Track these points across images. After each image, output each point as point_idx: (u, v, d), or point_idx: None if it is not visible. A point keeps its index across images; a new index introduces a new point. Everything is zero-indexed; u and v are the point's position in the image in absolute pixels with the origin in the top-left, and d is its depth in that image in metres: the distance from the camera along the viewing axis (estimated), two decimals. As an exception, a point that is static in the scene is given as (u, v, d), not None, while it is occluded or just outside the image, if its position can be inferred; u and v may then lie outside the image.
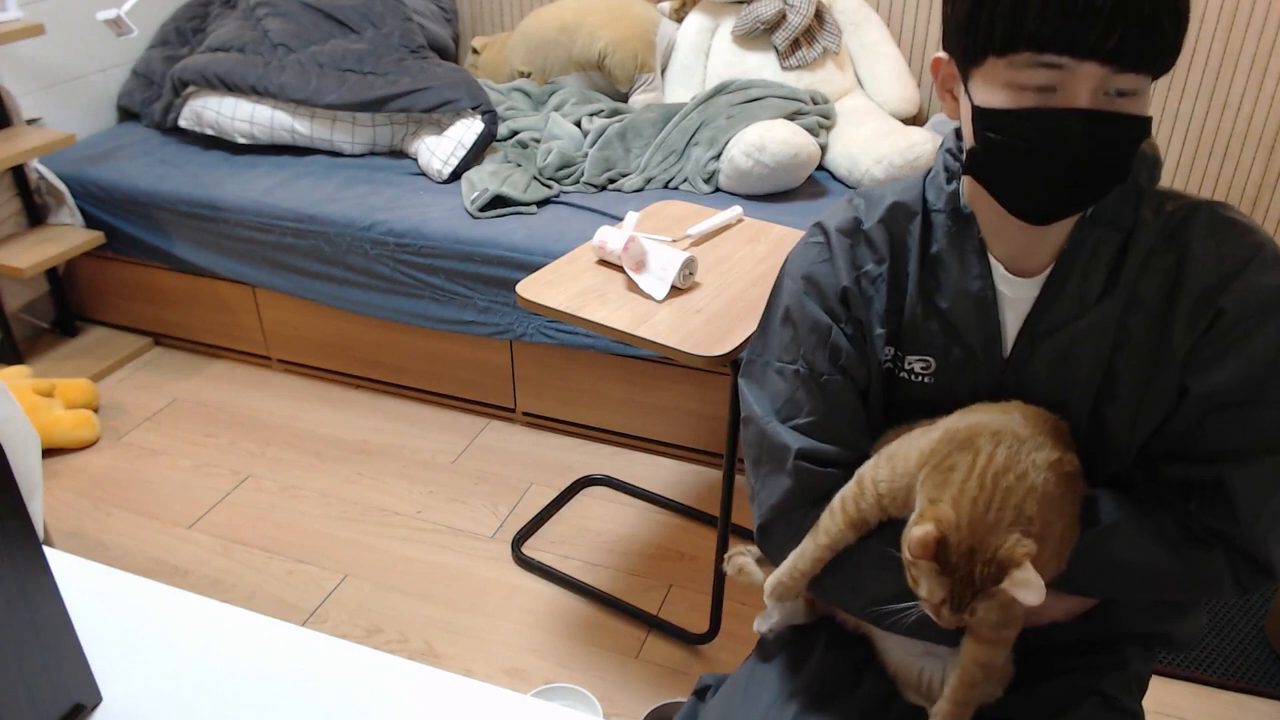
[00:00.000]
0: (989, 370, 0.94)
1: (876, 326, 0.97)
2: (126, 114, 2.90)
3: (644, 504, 2.15)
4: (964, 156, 0.88)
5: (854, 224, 0.98)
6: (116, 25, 2.56)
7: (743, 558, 1.13)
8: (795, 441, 0.97)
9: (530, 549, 2.01)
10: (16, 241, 2.49)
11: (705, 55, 2.69)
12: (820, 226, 1.00)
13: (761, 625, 1.11)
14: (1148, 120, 0.81)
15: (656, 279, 1.58)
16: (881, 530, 0.92)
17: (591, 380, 2.27)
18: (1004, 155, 0.83)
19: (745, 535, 2.03)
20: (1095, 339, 0.90)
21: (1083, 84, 0.77)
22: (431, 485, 2.21)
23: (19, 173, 2.51)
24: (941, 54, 0.89)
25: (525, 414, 2.40)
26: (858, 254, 0.97)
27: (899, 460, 0.89)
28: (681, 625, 1.82)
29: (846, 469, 0.96)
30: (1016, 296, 0.92)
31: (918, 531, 0.80)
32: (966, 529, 0.80)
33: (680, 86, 2.70)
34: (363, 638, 1.81)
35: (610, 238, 1.66)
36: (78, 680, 0.77)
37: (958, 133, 0.94)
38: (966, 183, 0.92)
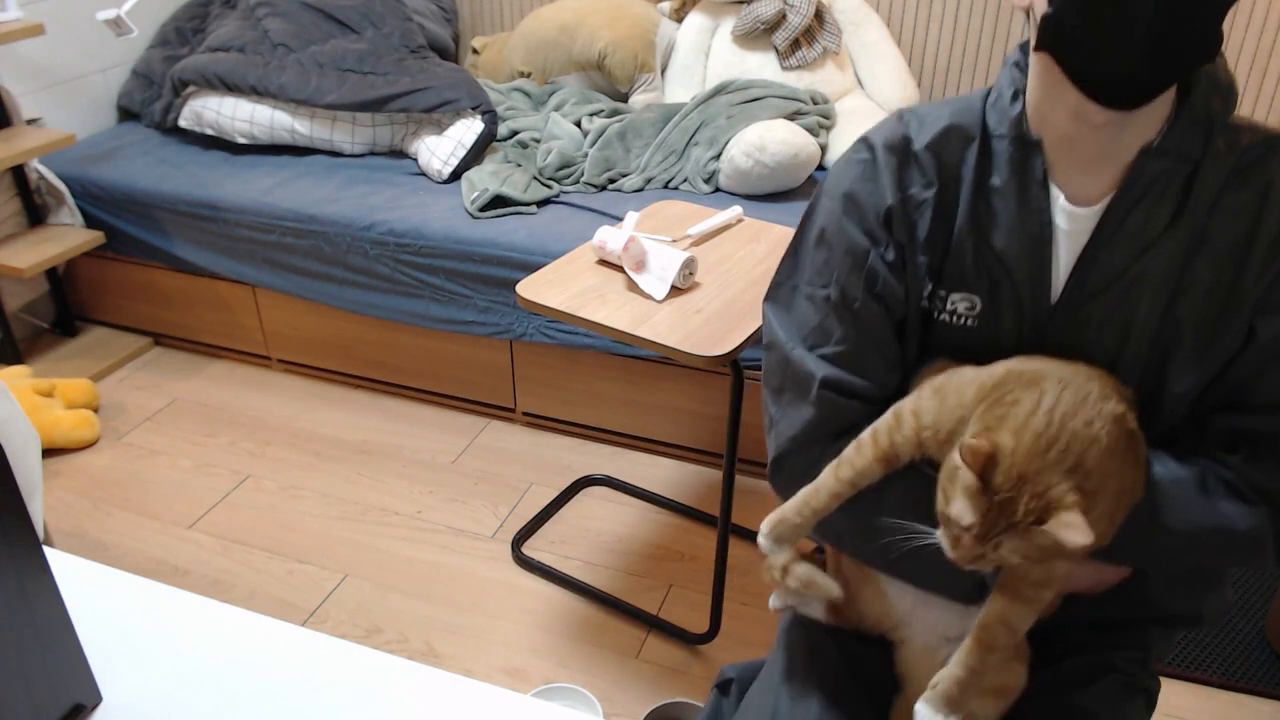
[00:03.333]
0: (1035, 312, 0.89)
1: (919, 254, 0.90)
2: (126, 114, 2.90)
3: (644, 504, 2.15)
4: (1037, 34, 0.81)
5: (904, 142, 0.91)
6: (116, 25, 2.56)
7: (799, 566, 1.01)
8: (820, 370, 0.92)
9: (530, 549, 2.01)
10: (16, 241, 2.49)
11: (705, 55, 2.69)
12: (866, 141, 0.93)
13: (777, 602, 1.04)
14: None
15: (656, 279, 1.58)
16: (905, 475, 0.88)
17: (591, 380, 2.27)
18: (1081, 10, 0.76)
19: (746, 535, 2.03)
20: (1155, 280, 0.84)
21: None
22: (431, 485, 2.21)
23: (19, 173, 2.51)
24: None
25: (525, 414, 2.40)
26: (905, 174, 0.90)
27: (951, 394, 0.84)
28: (681, 625, 1.82)
29: (872, 404, 0.92)
30: (1073, 229, 0.86)
31: (972, 440, 0.76)
32: (1023, 457, 0.76)
33: (680, 86, 2.70)
34: (363, 638, 1.81)
35: (610, 238, 1.66)
36: (78, 680, 0.77)
37: (1022, 48, 0.88)
38: (1032, 102, 0.86)
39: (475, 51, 3.03)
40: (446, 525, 2.09)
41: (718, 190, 2.36)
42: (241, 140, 2.61)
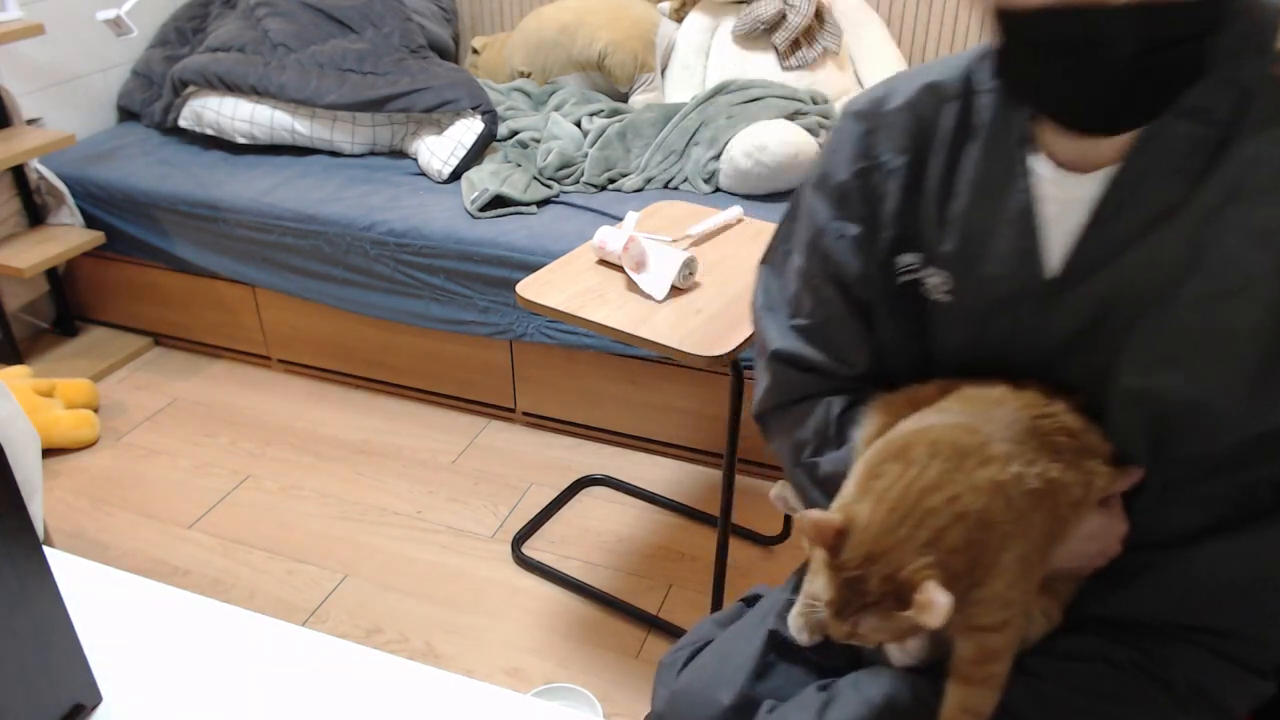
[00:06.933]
0: (1024, 290, 0.79)
1: (886, 229, 0.83)
2: (126, 114, 2.90)
3: (644, 504, 2.15)
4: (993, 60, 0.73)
5: (874, 105, 0.83)
6: (116, 25, 2.56)
7: (784, 491, 1.05)
8: (776, 341, 0.92)
9: (530, 549, 2.01)
10: (16, 241, 2.49)
11: (705, 55, 2.69)
12: (844, 109, 0.87)
13: (777, 491, 1.04)
14: (1219, 2, 0.63)
15: (656, 279, 1.58)
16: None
17: (591, 380, 2.27)
18: (1032, 61, 0.68)
19: (745, 535, 2.03)
20: (1171, 257, 0.71)
21: None
22: (431, 485, 2.21)
23: (19, 173, 2.51)
24: None
25: (525, 414, 2.40)
26: (871, 142, 0.82)
27: (856, 469, 0.82)
28: (681, 625, 1.82)
29: (831, 379, 0.91)
30: (1067, 198, 0.75)
31: (815, 513, 0.72)
32: (872, 533, 0.71)
33: (680, 86, 2.70)
34: (363, 638, 1.81)
35: (610, 238, 1.66)
36: (78, 680, 0.77)
37: None
38: None
39: (475, 51, 3.03)
40: (446, 525, 2.09)
41: (718, 190, 2.36)
42: (241, 140, 2.61)
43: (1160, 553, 0.83)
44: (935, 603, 0.67)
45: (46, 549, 0.75)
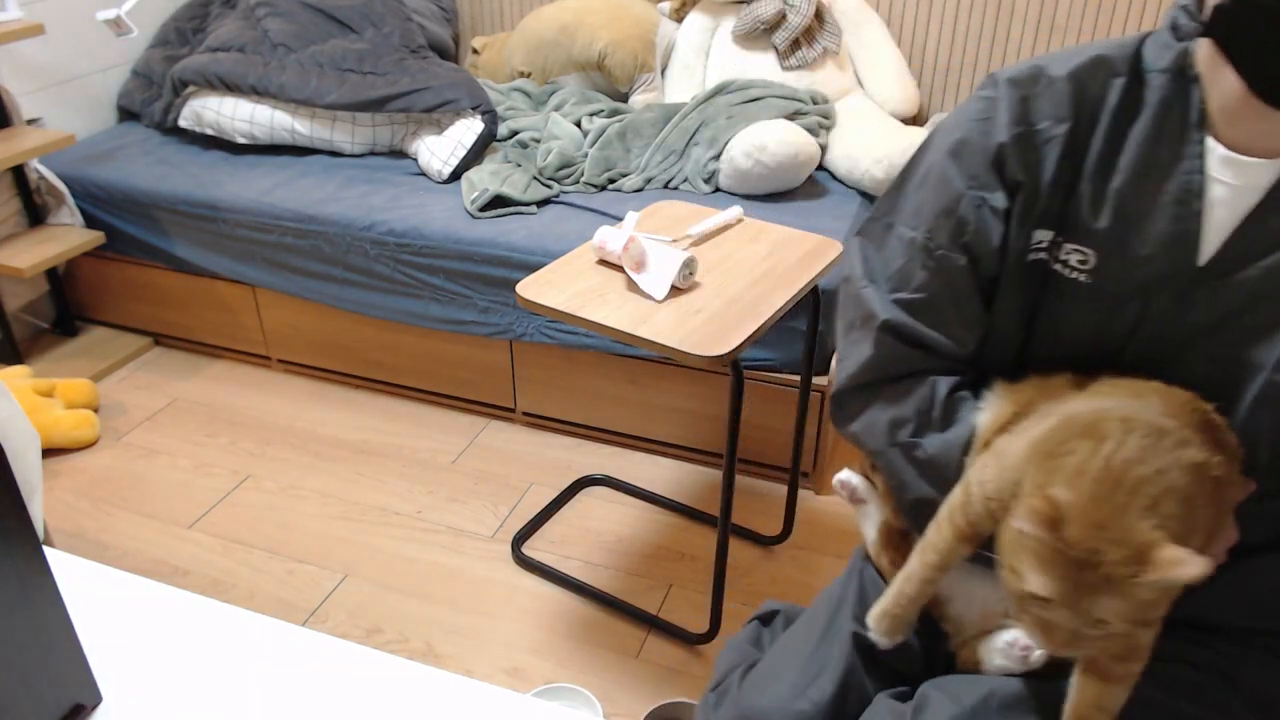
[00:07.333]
0: (1174, 277, 0.77)
1: (1038, 198, 0.81)
2: (126, 114, 2.90)
3: (644, 504, 2.15)
4: (1208, 13, 0.72)
5: (1034, 73, 0.82)
6: (116, 25, 2.56)
7: (851, 478, 0.99)
8: (885, 312, 0.88)
9: (530, 549, 2.01)
10: (16, 241, 2.49)
11: (705, 55, 2.69)
12: (993, 77, 0.85)
13: (843, 476, 0.99)
14: None
15: (656, 279, 1.58)
16: None
17: (591, 380, 2.27)
18: (1261, 16, 0.67)
19: (745, 535, 2.03)
20: None
21: None
22: (431, 485, 2.21)
23: (19, 173, 2.51)
24: None
25: (525, 414, 2.40)
26: (1031, 107, 0.81)
27: (1006, 454, 0.77)
28: (681, 625, 1.82)
29: (937, 357, 0.88)
30: (1240, 183, 0.74)
31: (1029, 501, 0.67)
32: (1090, 507, 0.66)
33: (680, 86, 2.70)
34: (363, 638, 1.81)
35: (610, 238, 1.66)
36: (78, 680, 0.77)
37: None
38: (1204, 45, 0.75)
39: (475, 51, 3.03)
40: (446, 525, 2.09)
41: (718, 190, 2.36)
42: (241, 140, 2.61)
43: (1238, 559, 0.82)
44: (1181, 558, 0.63)
45: (46, 549, 0.75)
